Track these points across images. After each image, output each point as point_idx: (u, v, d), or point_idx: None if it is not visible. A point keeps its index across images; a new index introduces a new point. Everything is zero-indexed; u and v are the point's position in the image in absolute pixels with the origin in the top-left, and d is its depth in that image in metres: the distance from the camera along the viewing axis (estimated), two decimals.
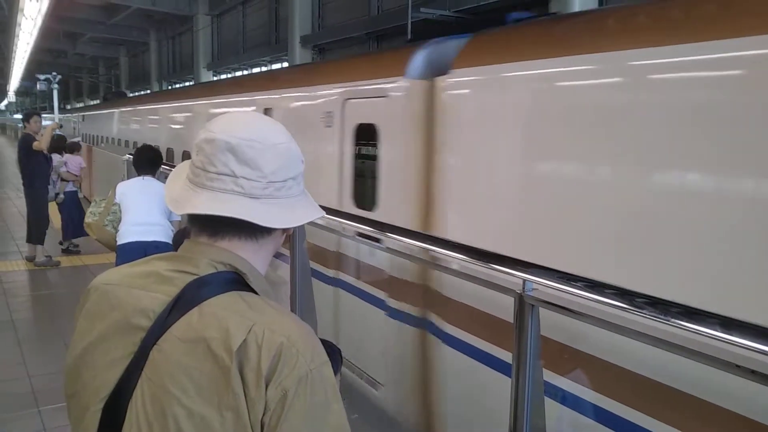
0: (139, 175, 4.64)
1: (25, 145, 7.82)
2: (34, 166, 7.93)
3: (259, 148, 1.06)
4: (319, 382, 0.98)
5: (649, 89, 2.60)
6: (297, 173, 1.13)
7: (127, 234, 4.41)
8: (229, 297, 1.04)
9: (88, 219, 4.58)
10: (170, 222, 4.49)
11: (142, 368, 1.00)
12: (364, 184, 4.40)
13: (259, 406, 0.94)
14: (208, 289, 1.03)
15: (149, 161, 4.67)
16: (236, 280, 1.08)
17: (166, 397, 0.96)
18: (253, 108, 6.11)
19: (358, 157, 4.46)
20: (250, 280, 1.09)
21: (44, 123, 8.97)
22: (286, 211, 1.10)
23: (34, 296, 7.08)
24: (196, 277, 1.05)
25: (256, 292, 1.08)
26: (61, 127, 10.06)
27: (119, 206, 4.49)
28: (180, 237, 3.80)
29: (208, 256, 1.08)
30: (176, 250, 1.15)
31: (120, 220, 4.47)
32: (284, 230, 1.16)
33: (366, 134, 4.32)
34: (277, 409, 0.94)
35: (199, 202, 1.06)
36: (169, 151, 9.13)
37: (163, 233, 4.45)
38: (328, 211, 2.91)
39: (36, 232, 8.05)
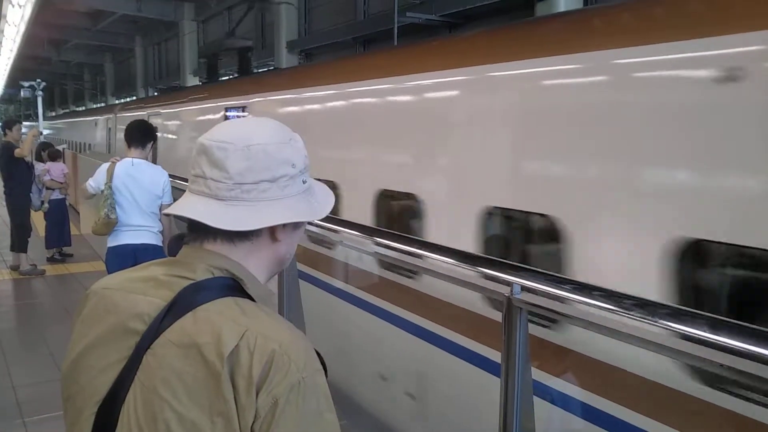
0: (129, 147, 4.51)
1: (6, 153, 7.75)
2: (16, 174, 7.85)
3: (230, 150, 1.06)
4: (311, 390, 0.96)
5: None
6: (276, 176, 1.08)
7: (117, 236, 4.38)
8: (224, 302, 1.03)
9: (113, 216, 4.28)
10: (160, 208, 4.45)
11: (135, 372, 0.99)
12: None
13: (250, 413, 0.93)
14: (204, 294, 1.03)
15: (141, 132, 4.56)
16: (232, 286, 1.07)
17: (157, 401, 0.96)
18: None
19: None
20: (247, 286, 1.08)
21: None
22: (248, 214, 1.06)
23: (19, 305, 7.00)
24: (192, 281, 1.05)
25: (252, 299, 1.07)
26: (42, 134, 9.99)
27: (111, 191, 4.32)
28: (175, 243, 3.73)
29: (205, 261, 1.08)
30: (171, 255, 1.14)
31: (112, 201, 4.31)
32: (273, 236, 1.12)
33: None
34: (267, 417, 0.93)
35: (179, 202, 1.10)
36: None
37: (153, 236, 4.45)
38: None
39: (18, 240, 7.98)
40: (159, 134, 4.43)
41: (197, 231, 1.11)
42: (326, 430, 0.98)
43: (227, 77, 14.28)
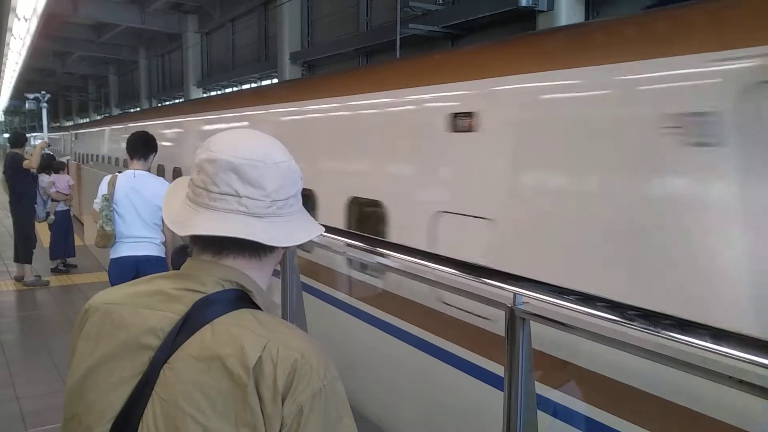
0: (131, 159, 4.51)
1: (14, 164, 7.78)
2: (22, 185, 7.89)
3: (262, 168, 1.08)
4: (332, 397, 1.01)
5: None
6: (297, 190, 1.15)
7: (120, 248, 4.38)
8: (241, 314, 1.05)
9: (108, 228, 4.30)
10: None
11: (152, 387, 1.00)
12: None
13: (276, 423, 0.96)
14: (217, 306, 1.05)
15: (144, 144, 4.55)
16: (243, 298, 1.09)
17: (180, 415, 0.97)
18: None
19: None
20: (255, 298, 1.10)
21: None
22: (289, 229, 1.12)
23: (23, 316, 7.00)
24: (203, 295, 1.06)
25: (260, 309, 1.10)
26: (49, 146, 10.04)
27: (109, 203, 4.33)
28: (178, 255, 3.75)
29: (215, 274, 1.09)
30: (175, 267, 1.15)
31: (111, 212, 4.32)
32: (285, 246, 1.17)
33: None
34: (293, 425, 0.97)
35: (203, 222, 1.07)
36: None
37: (155, 248, 4.45)
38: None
39: (23, 251, 8.00)
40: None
41: (213, 245, 1.11)
42: None
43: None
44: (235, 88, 22.27)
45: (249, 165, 1.07)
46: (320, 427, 0.98)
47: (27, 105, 28.01)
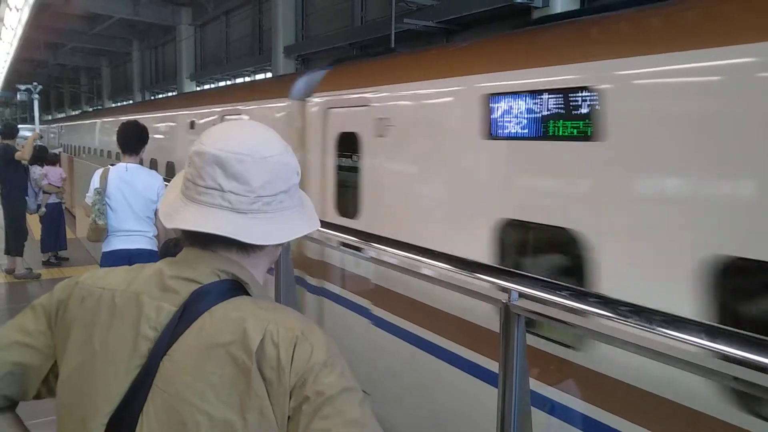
0: (124, 154, 4.46)
1: (6, 155, 7.72)
2: (13, 177, 7.84)
3: (249, 162, 1.05)
4: (337, 366, 0.98)
5: None
6: (289, 186, 1.11)
7: (112, 241, 4.36)
8: (238, 300, 1.04)
9: (101, 221, 4.28)
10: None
11: (152, 380, 0.98)
12: None
13: (284, 401, 0.95)
14: (214, 296, 1.03)
15: (136, 138, 4.49)
16: (238, 288, 1.07)
17: (184, 406, 0.95)
18: None
19: None
20: (251, 290, 1.09)
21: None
22: (275, 226, 1.08)
23: (13, 309, 6.94)
24: (199, 285, 1.04)
25: None
26: (41, 137, 9.97)
27: (101, 197, 4.30)
28: (166, 247, 3.73)
29: (211, 265, 1.07)
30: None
31: (104, 206, 4.30)
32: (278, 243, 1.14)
33: None
34: (303, 401, 0.94)
35: (188, 216, 1.06)
36: None
37: (147, 241, 4.43)
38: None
39: (14, 243, 7.95)
40: None
41: (199, 239, 1.09)
42: (357, 402, 0.97)
43: None
44: (228, 82, 22.19)
45: (235, 159, 1.04)
46: (337, 388, 0.94)
47: (18, 96, 27.85)
